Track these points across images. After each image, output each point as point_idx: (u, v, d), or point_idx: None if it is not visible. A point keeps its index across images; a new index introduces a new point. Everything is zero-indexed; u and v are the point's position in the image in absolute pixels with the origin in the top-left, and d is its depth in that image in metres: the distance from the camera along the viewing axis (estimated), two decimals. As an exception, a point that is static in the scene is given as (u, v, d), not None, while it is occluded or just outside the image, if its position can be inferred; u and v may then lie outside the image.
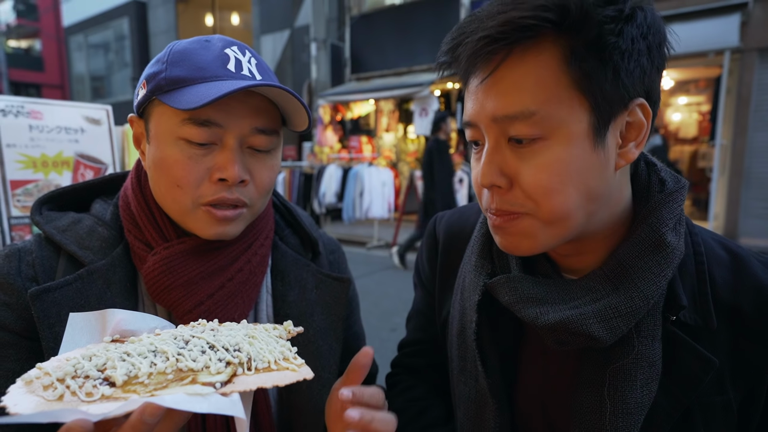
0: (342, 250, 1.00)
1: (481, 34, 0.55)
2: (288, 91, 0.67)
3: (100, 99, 19.21)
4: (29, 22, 23.06)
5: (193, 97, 0.64)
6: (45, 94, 23.55)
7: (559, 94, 0.55)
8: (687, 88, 9.52)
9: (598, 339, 0.60)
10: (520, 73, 0.55)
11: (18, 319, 0.67)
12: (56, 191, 0.79)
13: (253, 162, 0.71)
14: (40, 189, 1.88)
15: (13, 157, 1.80)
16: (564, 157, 0.56)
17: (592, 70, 0.54)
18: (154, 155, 0.70)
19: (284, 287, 0.83)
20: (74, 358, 0.49)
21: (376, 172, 8.41)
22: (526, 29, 0.53)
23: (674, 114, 9.85)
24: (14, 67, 21.35)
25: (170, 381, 0.48)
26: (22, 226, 1.85)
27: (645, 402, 0.60)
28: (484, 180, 0.60)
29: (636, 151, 0.60)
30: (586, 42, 0.53)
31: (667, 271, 0.60)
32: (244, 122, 0.68)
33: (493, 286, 0.70)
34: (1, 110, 1.76)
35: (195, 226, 0.71)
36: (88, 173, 2.02)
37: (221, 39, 0.73)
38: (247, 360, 0.53)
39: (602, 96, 0.55)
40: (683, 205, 0.64)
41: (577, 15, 0.52)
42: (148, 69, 0.72)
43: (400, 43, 10.51)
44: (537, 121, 0.55)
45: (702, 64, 7.69)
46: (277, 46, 13.15)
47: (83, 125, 2.00)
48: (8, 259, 0.70)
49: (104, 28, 18.58)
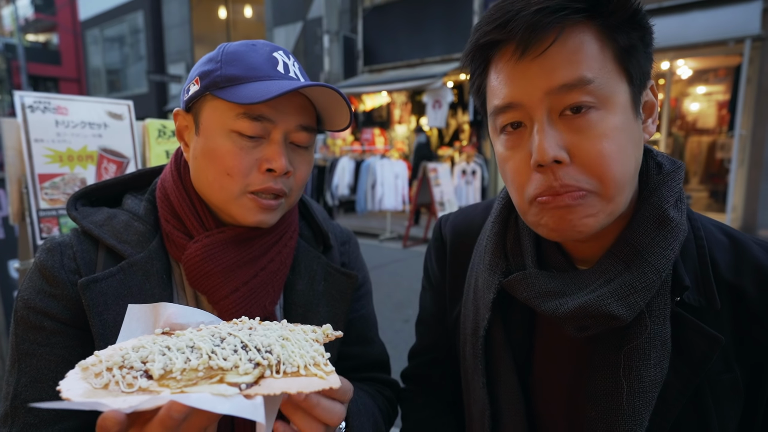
0: (355, 240, 1.02)
1: (536, 7, 0.58)
2: (337, 91, 0.73)
3: (116, 92, 19.47)
4: (47, 16, 23.38)
5: (252, 92, 0.69)
6: (62, 88, 23.93)
7: (606, 65, 0.59)
8: (706, 78, 9.33)
9: (618, 317, 0.61)
10: (574, 44, 0.59)
11: (64, 309, 0.71)
12: (89, 187, 0.84)
13: (294, 156, 0.77)
14: (66, 182, 1.94)
15: (40, 151, 1.87)
16: (619, 125, 0.59)
17: (633, 47, 0.60)
18: (204, 146, 0.75)
19: (294, 276, 0.86)
20: (125, 348, 0.52)
21: (389, 164, 8.42)
22: (581, 1, 0.58)
23: (692, 104, 9.67)
24: (32, 60, 21.70)
25: (200, 378, 0.49)
26: (50, 218, 1.92)
27: (658, 380, 0.62)
28: (546, 156, 0.58)
29: (653, 127, 0.65)
30: (627, 20, 0.60)
31: (675, 245, 0.63)
32: (290, 119, 0.74)
33: (509, 283, 0.72)
34: (29, 106, 1.82)
35: (239, 212, 0.75)
36: (111, 167, 2.08)
37: (266, 44, 0.78)
38: (276, 363, 0.52)
39: (639, 70, 0.61)
40: (681, 183, 0.67)
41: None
42: (200, 67, 0.76)
43: (412, 34, 10.45)
44: (593, 90, 0.58)
45: (722, 52, 7.52)
46: (290, 38, 13.16)
47: (106, 120, 2.06)
48: (51, 253, 0.74)
49: (119, 22, 18.76)
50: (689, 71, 8.83)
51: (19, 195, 1.89)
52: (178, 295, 0.79)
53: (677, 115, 9.51)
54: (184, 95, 0.79)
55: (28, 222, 1.89)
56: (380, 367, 0.99)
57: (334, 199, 8.90)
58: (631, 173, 0.62)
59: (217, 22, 16.13)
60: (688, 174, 9.73)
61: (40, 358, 0.70)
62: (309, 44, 12.51)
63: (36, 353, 0.70)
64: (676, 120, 9.43)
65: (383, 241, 8.39)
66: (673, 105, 9.08)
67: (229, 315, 0.74)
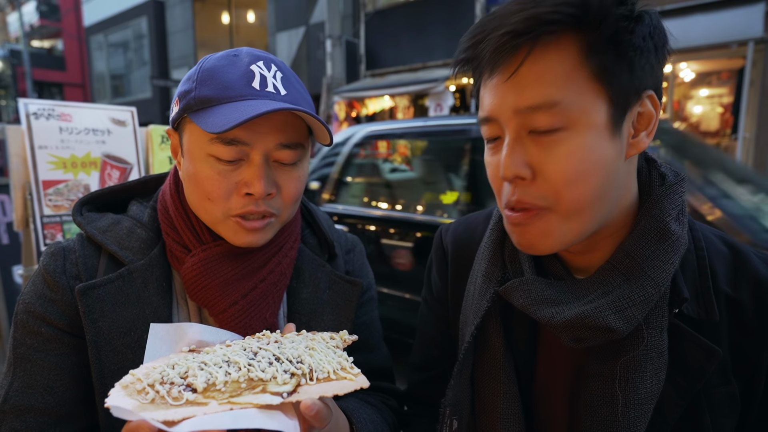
0: (360, 247, 1.01)
1: (504, 29, 0.58)
2: (306, 112, 0.70)
3: (120, 97, 19.58)
4: (52, 22, 23.58)
5: (219, 119, 0.67)
6: (66, 93, 24.09)
7: (579, 85, 0.58)
8: (709, 80, 9.31)
9: (615, 330, 0.61)
10: (543, 65, 0.58)
11: (62, 315, 0.72)
12: (95, 193, 0.84)
13: (279, 174, 0.75)
14: (69, 189, 1.95)
15: (44, 158, 1.88)
16: (586, 146, 0.58)
17: (611, 64, 0.58)
18: (187, 169, 0.75)
19: (298, 284, 0.86)
20: (160, 366, 0.54)
21: (391, 168, 8.42)
22: (549, 23, 0.57)
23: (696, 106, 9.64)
24: (37, 66, 21.86)
25: (243, 389, 0.53)
26: (54, 225, 1.92)
27: (655, 392, 0.62)
28: (508, 171, 0.60)
29: (647, 140, 0.63)
30: (605, 37, 0.57)
31: (674, 258, 0.62)
32: (268, 139, 0.71)
33: (506, 290, 0.71)
34: (33, 113, 1.84)
35: (226, 234, 0.75)
36: (115, 173, 2.09)
37: (249, 54, 0.75)
38: (309, 371, 0.57)
39: (620, 87, 0.59)
40: (684, 195, 0.67)
41: (596, 12, 0.56)
42: (180, 86, 0.76)
43: (414, 38, 10.49)
44: (559, 111, 0.58)
45: (724, 55, 7.52)
46: (293, 43, 13.22)
47: (110, 126, 2.07)
48: (54, 257, 0.75)
49: (123, 28, 18.91)
50: (692, 74, 8.81)
51: (23, 201, 1.90)
52: (178, 303, 0.79)
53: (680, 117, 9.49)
54: (170, 113, 0.79)
55: (32, 228, 1.90)
56: (384, 375, 0.98)
57: (336, 203, 8.91)
58: (600, 192, 0.61)
59: (220, 27, 16.24)
60: (692, 177, 9.70)
61: (34, 364, 0.71)
62: (312, 49, 12.56)
63: (31, 358, 0.71)
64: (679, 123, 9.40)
65: (386, 245, 8.39)
66: (676, 108, 9.06)
67: (229, 327, 0.74)
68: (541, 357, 0.75)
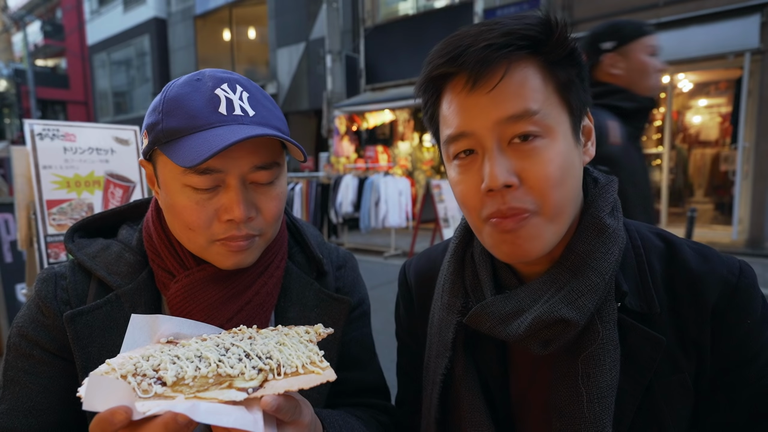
0: (353, 262, 1.01)
1: (484, 43, 0.62)
2: (275, 135, 0.69)
3: (122, 114, 19.76)
4: (56, 42, 23.90)
5: (189, 152, 0.66)
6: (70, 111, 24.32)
7: (549, 97, 0.65)
8: (707, 90, 9.37)
9: (569, 320, 0.64)
10: (520, 78, 0.64)
11: (53, 339, 0.73)
12: (86, 219, 0.85)
13: (257, 196, 0.74)
14: (73, 208, 1.97)
15: (48, 178, 1.90)
16: (562, 152, 0.64)
17: (570, 80, 0.66)
18: (164, 200, 0.74)
19: (285, 303, 0.85)
20: (135, 357, 0.55)
21: (392, 182, 8.46)
22: (525, 38, 0.63)
23: (695, 116, 9.70)
24: (41, 85, 22.11)
25: (211, 384, 0.55)
26: (57, 244, 1.93)
27: (614, 384, 0.65)
28: (497, 181, 0.63)
29: (593, 150, 0.73)
30: (565, 56, 0.66)
31: (613, 249, 0.67)
32: (243, 163, 0.70)
33: (471, 318, 0.73)
34: (38, 134, 1.86)
35: (213, 259, 0.75)
36: (118, 191, 2.11)
37: (212, 77, 0.73)
38: (277, 366, 0.58)
39: (577, 101, 0.67)
40: (615, 194, 0.74)
41: (558, 33, 0.64)
42: (147, 118, 0.74)
43: (413, 52, 10.60)
44: (538, 120, 0.63)
45: (721, 66, 7.58)
46: (293, 58, 13.37)
47: (113, 146, 2.09)
48: (46, 283, 0.76)
49: (126, 46, 19.17)
50: (690, 84, 8.88)
51: (27, 221, 1.91)
52: None
53: (679, 127, 9.53)
54: (141, 145, 0.79)
55: (36, 247, 1.91)
56: (377, 391, 0.97)
57: (338, 217, 8.93)
58: (573, 194, 0.67)
59: (221, 43, 16.44)
60: (693, 187, 9.71)
61: (23, 387, 0.72)
62: (312, 64, 12.69)
63: (20, 381, 0.72)
64: (678, 133, 9.44)
65: (388, 258, 8.38)
66: (675, 118, 9.10)
67: None
68: (513, 375, 0.77)
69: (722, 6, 7.10)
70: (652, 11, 7.73)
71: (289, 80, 13.54)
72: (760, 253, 7.06)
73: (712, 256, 0.70)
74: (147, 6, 17.60)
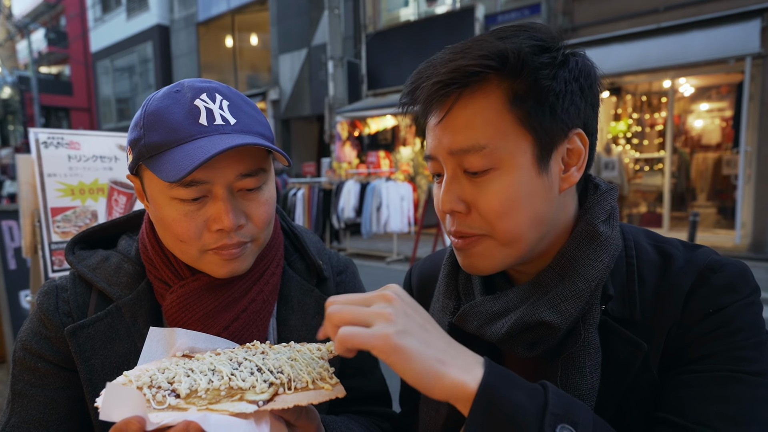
0: (353, 268, 1.01)
1: (434, 79, 0.63)
2: (256, 144, 0.69)
3: (125, 120, 19.86)
4: (60, 49, 24.08)
5: (172, 166, 0.66)
6: (73, 117, 24.46)
7: (505, 129, 0.63)
8: (709, 95, 9.37)
9: (550, 323, 0.65)
10: (471, 112, 0.63)
11: (56, 351, 0.75)
12: (86, 231, 0.86)
13: (246, 203, 0.74)
14: (77, 215, 1.98)
15: (53, 185, 1.91)
16: (513, 184, 0.63)
17: (532, 109, 0.62)
18: (154, 214, 0.75)
19: (287, 311, 0.85)
20: (151, 369, 0.57)
21: (394, 187, 8.46)
22: (472, 75, 0.62)
23: (696, 120, 9.69)
24: (45, 92, 22.25)
25: (222, 397, 0.56)
26: (62, 251, 1.95)
27: (595, 388, 0.65)
28: (445, 206, 0.67)
29: (578, 175, 0.68)
30: (525, 85, 0.62)
31: (603, 257, 0.67)
32: (227, 172, 0.70)
33: (459, 318, 0.74)
34: (43, 142, 1.88)
35: (207, 269, 0.75)
36: (122, 199, 2.12)
37: (191, 87, 0.73)
38: (288, 381, 0.60)
39: (542, 130, 0.63)
40: (614, 202, 0.73)
41: (514, 62, 0.61)
42: (130, 133, 0.75)
43: (415, 58, 10.62)
44: (487, 154, 0.63)
45: (723, 70, 7.58)
46: (295, 64, 13.43)
47: (117, 153, 2.11)
48: (47, 296, 0.77)
49: (129, 53, 19.29)
50: (691, 89, 8.88)
51: (32, 228, 1.92)
52: None
53: (681, 132, 9.52)
54: (126, 161, 0.78)
55: (41, 255, 1.92)
56: (379, 399, 0.97)
57: (340, 222, 8.94)
58: (529, 222, 0.65)
59: (223, 50, 16.54)
60: (695, 191, 9.69)
61: (30, 399, 0.73)
62: (314, 70, 12.75)
63: (28, 394, 0.73)
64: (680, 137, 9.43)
65: (390, 263, 8.37)
66: (676, 122, 9.10)
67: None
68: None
69: (722, 11, 7.12)
70: (652, 16, 7.75)
71: (291, 86, 13.61)
72: (763, 257, 7.04)
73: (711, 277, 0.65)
74: (150, 13, 17.72)
